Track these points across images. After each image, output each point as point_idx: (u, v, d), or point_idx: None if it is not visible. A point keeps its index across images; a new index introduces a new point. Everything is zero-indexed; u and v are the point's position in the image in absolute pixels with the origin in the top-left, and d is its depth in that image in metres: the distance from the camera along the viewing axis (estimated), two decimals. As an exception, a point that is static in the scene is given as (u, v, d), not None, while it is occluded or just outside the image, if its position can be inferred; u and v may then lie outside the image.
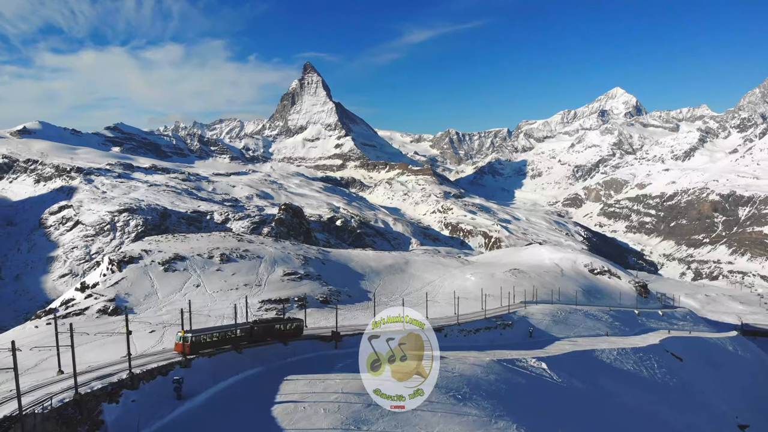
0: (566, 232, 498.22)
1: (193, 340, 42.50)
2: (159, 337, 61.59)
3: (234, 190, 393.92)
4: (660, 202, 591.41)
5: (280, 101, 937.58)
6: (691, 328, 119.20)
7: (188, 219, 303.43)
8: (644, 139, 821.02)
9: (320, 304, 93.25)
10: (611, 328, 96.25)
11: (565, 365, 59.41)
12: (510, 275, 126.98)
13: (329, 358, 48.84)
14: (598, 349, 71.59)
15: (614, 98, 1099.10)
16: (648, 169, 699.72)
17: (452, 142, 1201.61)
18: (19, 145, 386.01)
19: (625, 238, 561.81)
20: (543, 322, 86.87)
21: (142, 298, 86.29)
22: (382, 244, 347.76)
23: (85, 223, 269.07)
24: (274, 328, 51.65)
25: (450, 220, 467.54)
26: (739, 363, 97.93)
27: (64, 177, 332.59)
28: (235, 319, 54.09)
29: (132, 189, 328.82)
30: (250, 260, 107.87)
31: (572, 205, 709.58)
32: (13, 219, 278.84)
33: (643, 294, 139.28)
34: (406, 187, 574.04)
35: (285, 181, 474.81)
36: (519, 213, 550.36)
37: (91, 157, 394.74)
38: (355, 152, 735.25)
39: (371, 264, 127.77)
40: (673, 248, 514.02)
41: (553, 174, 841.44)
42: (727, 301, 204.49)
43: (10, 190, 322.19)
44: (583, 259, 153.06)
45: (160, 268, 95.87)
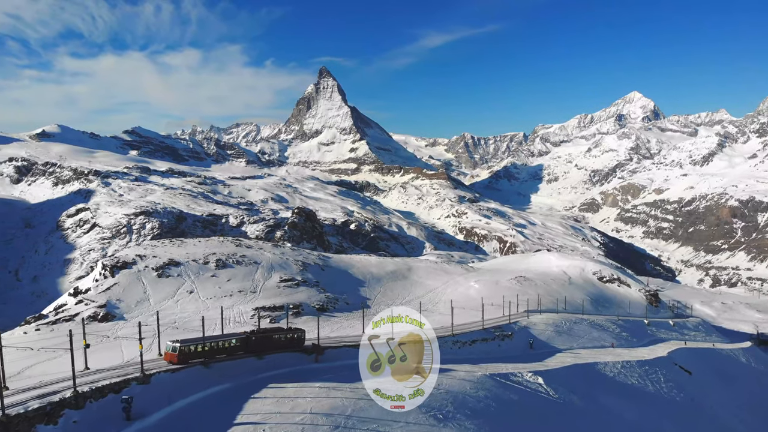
0: (582, 238, 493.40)
1: (182, 349, 40.98)
2: (148, 345, 59.58)
3: (249, 194, 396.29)
4: (678, 207, 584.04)
5: (296, 105, 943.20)
6: (703, 339, 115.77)
7: (204, 222, 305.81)
8: (662, 143, 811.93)
9: (316, 311, 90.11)
10: (618, 338, 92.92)
11: (564, 380, 57.00)
12: (515, 283, 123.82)
13: (307, 373, 45.61)
14: (602, 362, 68.62)
15: (632, 102, 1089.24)
16: (666, 174, 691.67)
17: (467, 146, 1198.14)
18: (38, 148, 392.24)
19: (643, 244, 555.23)
20: (545, 333, 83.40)
21: (134, 304, 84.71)
22: (395, 248, 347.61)
23: (101, 225, 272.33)
24: (273, 338, 49.46)
25: (464, 224, 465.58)
26: (753, 376, 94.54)
27: (82, 180, 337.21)
28: (222, 328, 52.51)
29: (148, 192, 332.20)
30: (246, 266, 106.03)
31: (589, 210, 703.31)
32: (32, 221, 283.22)
33: (653, 303, 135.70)
34: (421, 191, 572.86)
35: (300, 185, 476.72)
36: (535, 218, 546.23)
37: (109, 161, 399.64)
38: (370, 156, 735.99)
39: (372, 270, 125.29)
40: (691, 254, 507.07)
41: (570, 179, 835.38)
42: (744, 309, 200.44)
43: (28, 193, 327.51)
44: (592, 267, 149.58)
45: (153, 274, 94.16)
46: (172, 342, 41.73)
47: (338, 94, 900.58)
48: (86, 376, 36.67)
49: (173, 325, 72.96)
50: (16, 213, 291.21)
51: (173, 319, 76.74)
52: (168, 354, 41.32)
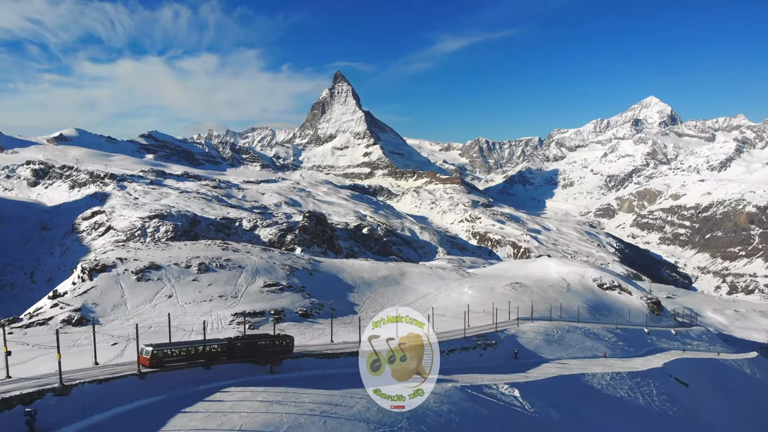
0: (598, 243, 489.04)
1: (154, 353, 39.95)
2: (120, 350, 57.39)
3: (263, 198, 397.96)
4: (695, 213, 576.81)
5: (311, 110, 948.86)
6: (706, 349, 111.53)
7: (217, 225, 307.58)
8: (679, 149, 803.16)
9: (299, 317, 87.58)
10: (613, 348, 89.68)
11: (545, 392, 53.50)
12: (510, 289, 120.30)
13: (257, 385, 41.39)
14: (590, 373, 64.96)
15: (648, 107, 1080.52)
16: (683, 179, 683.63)
17: (482, 151, 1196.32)
18: (55, 152, 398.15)
19: (659, 250, 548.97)
20: (533, 342, 79.29)
21: (110, 308, 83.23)
22: (408, 253, 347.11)
23: (116, 228, 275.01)
24: (258, 344, 46.93)
25: (478, 229, 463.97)
26: (756, 388, 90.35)
27: (98, 183, 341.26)
28: (204, 334, 50.61)
29: (163, 195, 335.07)
30: (230, 270, 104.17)
31: (604, 216, 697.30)
32: (48, 223, 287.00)
33: (655, 311, 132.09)
34: (434, 195, 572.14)
35: (313, 189, 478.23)
36: (549, 223, 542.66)
37: (125, 164, 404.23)
38: (384, 160, 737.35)
39: (364, 275, 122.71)
40: (708, 261, 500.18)
41: (585, 184, 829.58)
42: (757, 317, 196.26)
43: (45, 196, 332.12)
44: (592, 273, 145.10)
45: (132, 278, 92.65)
46: (146, 345, 41.04)
47: (352, 99, 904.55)
48: (4, 385, 34.34)
49: (149, 329, 70.98)
50: (33, 215, 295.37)
51: (149, 324, 74.93)
52: (141, 357, 40.45)
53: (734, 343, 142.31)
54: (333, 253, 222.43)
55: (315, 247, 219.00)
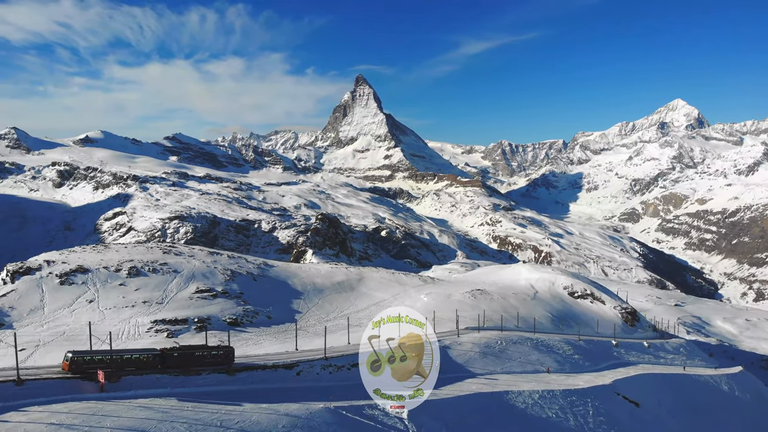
0: (621, 248, 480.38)
1: (74, 359, 40.37)
2: (26, 356, 55.63)
3: (283, 200, 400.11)
4: (721, 218, 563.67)
5: (332, 113, 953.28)
6: (681, 363, 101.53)
7: (237, 227, 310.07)
8: (706, 152, 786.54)
9: (227, 326, 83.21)
10: (564, 362, 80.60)
11: (448, 412, 47.33)
12: (469, 296, 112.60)
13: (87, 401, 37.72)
14: (516, 390, 57.92)
15: (675, 110, 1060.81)
16: (709, 183, 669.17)
17: (505, 154, 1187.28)
18: (81, 153, 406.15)
19: (684, 256, 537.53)
20: (467, 354, 70.99)
21: (26, 312, 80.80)
22: (426, 256, 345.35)
23: (137, 229, 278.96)
24: (195, 355, 46.66)
25: (498, 233, 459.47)
26: (732, 406, 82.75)
27: (121, 184, 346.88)
28: (110, 344, 48.53)
29: (184, 197, 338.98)
30: (163, 275, 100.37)
31: (629, 220, 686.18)
32: (71, 224, 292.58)
33: (629, 321, 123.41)
34: (454, 198, 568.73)
35: (333, 192, 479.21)
36: (572, 227, 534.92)
37: (149, 166, 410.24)
38: (404, 163, 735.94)
39: (316, 281, 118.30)
40: (735, 267, 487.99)
41: (610, 187, 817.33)
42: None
43: (70, 196, 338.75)
44: (563, 281, 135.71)
45: (56, 281, 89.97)
46: (68, 352, 41.64)
47: (374, 102, 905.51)
48: None
49: (61, 336, 69.50)
50: (57, 216, 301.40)
51: (63, 330, 73.14)
52: (64, 363, 41.24)
53: (737, 354, 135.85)
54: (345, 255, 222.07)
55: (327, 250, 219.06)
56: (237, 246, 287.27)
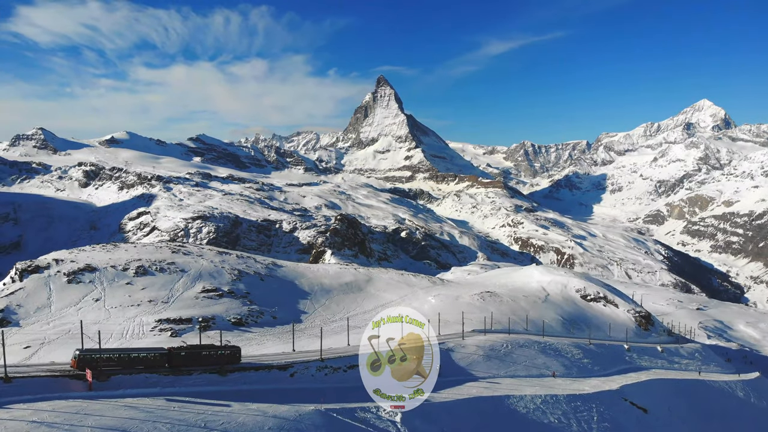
0: (645, 251, 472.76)
1: (81, 357, 40.93)
2: (30, 354, 55.51)
3: (304, 200, 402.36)
4: (748, 220, 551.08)
5: (354, 114, 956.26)
6: (696, 368, 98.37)
7: (258, 227, 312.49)
8: (732, 153, 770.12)
9: (231, 326, 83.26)
10: (572, 366, 78.45)
11: (444, 416, 45.82)
12: (478, 299, 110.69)
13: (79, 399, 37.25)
14: (518, 395, 56.37)
15: (701, 110, 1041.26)
16: (736, 185, 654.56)
17: (527, 155, 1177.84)
18: (106, 154, 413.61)
19: (710, 259, 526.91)
20: (470, 357, 69.09)
21: (33, 310, 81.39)
22: (446, 257, 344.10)
23: (160, 228, 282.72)
24: (202, 354, 47.17)
25: (520, 234, 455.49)
26: (747, 413, 79.32)
27: (145, 185, 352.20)
28: (99, 343, 49.13)
29: (207, 197, 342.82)
30: (170, 274, 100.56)
31: (654, 222, 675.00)
32: (97, 223, 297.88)
33: (643, 325, 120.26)
34: (475, 199, 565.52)
35: (353, 192, 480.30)
36: (595, 229, 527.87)
37: (173, 167, 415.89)
38: (425, 164, 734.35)
39: (324, 281, 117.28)
40: (762, 270, 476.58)
41: (634, 189, 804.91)
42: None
43: (95, 196, 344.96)
44: (576, 284, 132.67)
45: (63, 279, 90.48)
46: (77, 349, 42.13)
47: (395, 103, 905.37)
48: None
49: (67, 333, 69.55)
50: (83, 215, 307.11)
51: (68, 328, 73.42)
52: (72, 360, 41.71)
53: (757, 360, 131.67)
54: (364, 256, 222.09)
55: (346, 250, 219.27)
56: (258, 246, 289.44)
